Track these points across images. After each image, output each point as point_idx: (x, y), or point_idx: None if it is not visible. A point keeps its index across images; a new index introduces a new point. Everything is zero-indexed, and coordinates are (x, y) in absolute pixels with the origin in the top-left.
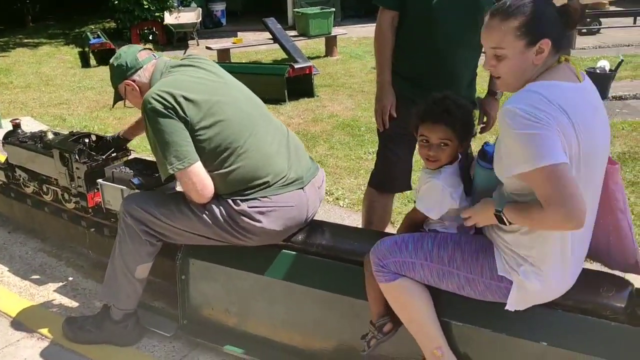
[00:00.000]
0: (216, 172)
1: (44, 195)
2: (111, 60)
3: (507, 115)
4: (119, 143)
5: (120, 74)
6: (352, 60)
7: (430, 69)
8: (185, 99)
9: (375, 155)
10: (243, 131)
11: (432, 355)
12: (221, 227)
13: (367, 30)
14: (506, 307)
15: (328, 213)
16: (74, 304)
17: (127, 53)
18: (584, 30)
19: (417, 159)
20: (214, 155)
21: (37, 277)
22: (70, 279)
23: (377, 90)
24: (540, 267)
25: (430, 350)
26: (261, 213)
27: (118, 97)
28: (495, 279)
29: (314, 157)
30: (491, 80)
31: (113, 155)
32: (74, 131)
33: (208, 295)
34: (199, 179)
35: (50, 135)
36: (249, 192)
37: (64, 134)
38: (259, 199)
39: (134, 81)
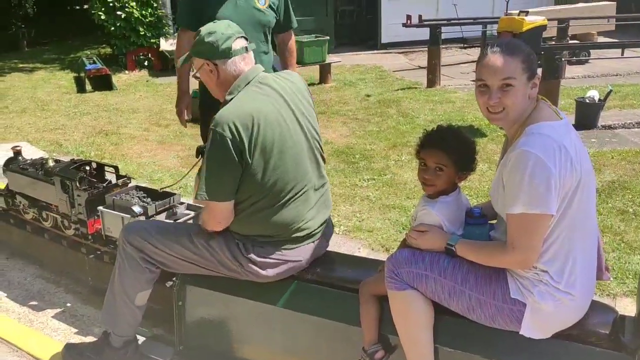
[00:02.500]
0: (243, 211)
1: (44, 222)
2: (203, 32)
3: (524, 157)
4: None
5: (206, 52)
6: (345, 87)
7: None
8: (258, 142)
9: (369, 182)
10: (291, 189)
11: None
12: (224, 265)
13: (360, 58)
14: (520, 332)
15: None
16: (73, 330)
17: (225, 35)
18: (574, 60)
19: None
20: (251, 197)
21: (36, 303)
22: (69, 305)
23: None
24: (559, 283)
25: None
26: (269, 266)
27: (188, 59)
28: (507, 302)
29: None
30: (283, 58)
31: (113, 183)
32: (75, 158)
33: (205, 322)
34: (223, 217)
35: (51, 163)
36: (263, 240)
37: (65, 162)
38: (270, 250)
39: (216, 65)
